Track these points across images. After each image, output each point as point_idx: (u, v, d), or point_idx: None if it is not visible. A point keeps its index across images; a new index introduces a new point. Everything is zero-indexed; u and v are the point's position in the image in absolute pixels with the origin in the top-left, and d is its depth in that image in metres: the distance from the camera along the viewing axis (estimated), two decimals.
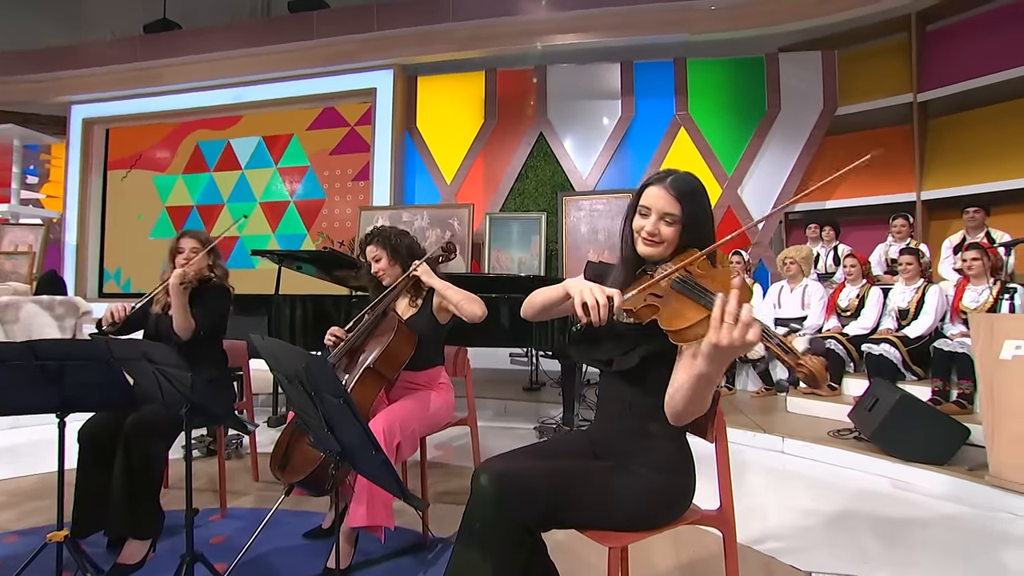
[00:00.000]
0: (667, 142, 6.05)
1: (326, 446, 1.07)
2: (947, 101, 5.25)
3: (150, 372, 1.40)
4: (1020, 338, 2.38)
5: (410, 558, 1.97)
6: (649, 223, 1.25)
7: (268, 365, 1.15)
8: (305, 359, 0.87)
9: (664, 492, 1.27)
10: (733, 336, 0.94)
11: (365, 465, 0.96)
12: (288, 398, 1.16)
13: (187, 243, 2.23)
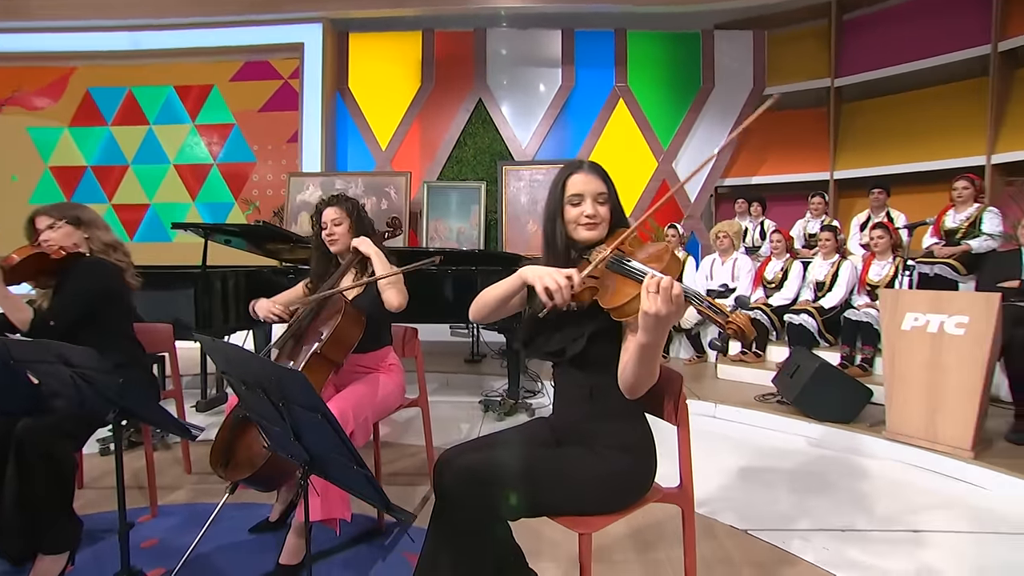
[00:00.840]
0: (606, 113, 6.09)
1: (290, 454, 1.00)
2: (860, 87, 5.64)
3: (66, 376, 1.23)
4: (918, 311, 2.66)
5: (366, 546, 1.93)
6: (586, 207, 1.28)
7: (219, 368, 1.04)
8: (275, 371, 0.79)
9: (629, 473, 1.31)
10: (659, 304, 1.00)
11: (340, 475, 0.90)
12: (244, 403, 1.06)
13: (41, 221, 1.91)
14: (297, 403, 0.78)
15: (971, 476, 2.44)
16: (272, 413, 0.93)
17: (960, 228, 3.95)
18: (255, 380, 0.86)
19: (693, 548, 1.44)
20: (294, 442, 0.93)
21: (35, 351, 1.19)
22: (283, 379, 0.78)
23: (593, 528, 1.24)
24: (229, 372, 0.98)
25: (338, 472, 0.90)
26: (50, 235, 1.88)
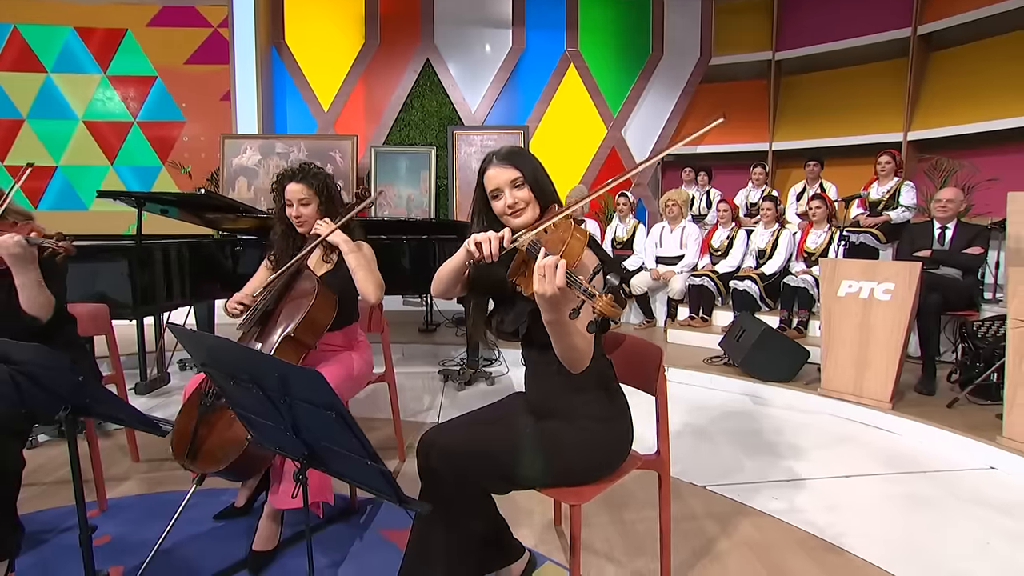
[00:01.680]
0: (556, 78, 6.02)
1: (282, 448, 0.96)
2: (798, 61, 5.87)
3: (3, 374, 1.10)
4: (852, 279, 2.88)
5: (341, 524, 1.91)
6: (506, 197, 1.28)
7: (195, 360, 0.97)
8: (283, 369, 0.74)
9: (607, 441, 1.36)
10: (543, 286, 1.04)
11: (342, 467, 0.88)
12: (229, 398, 1.00)
13: None
14: (308, 401, 0.75)
15: (889, 425, 2.73)
16: (266, 409, 0.89)
17: (882, 200, 4.28)
18: (250, 376, 0.81)
19: (668, 509, 1.54)
20: (290, 436, 0.89)
21: None
22: (293, 377, 0.74)
23: (584, 499, 1.29)
24: (213, 366, 0.92)
25: (340, 465, 0.88)
26: None
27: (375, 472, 0.80)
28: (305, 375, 0.73)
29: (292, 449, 0.92)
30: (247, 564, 1.68)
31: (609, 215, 5.79)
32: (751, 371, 3.28)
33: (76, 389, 1.08)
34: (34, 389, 1.11)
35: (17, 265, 1.54)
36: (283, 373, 0.75)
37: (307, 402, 0.76)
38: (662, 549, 1.57)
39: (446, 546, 1.19)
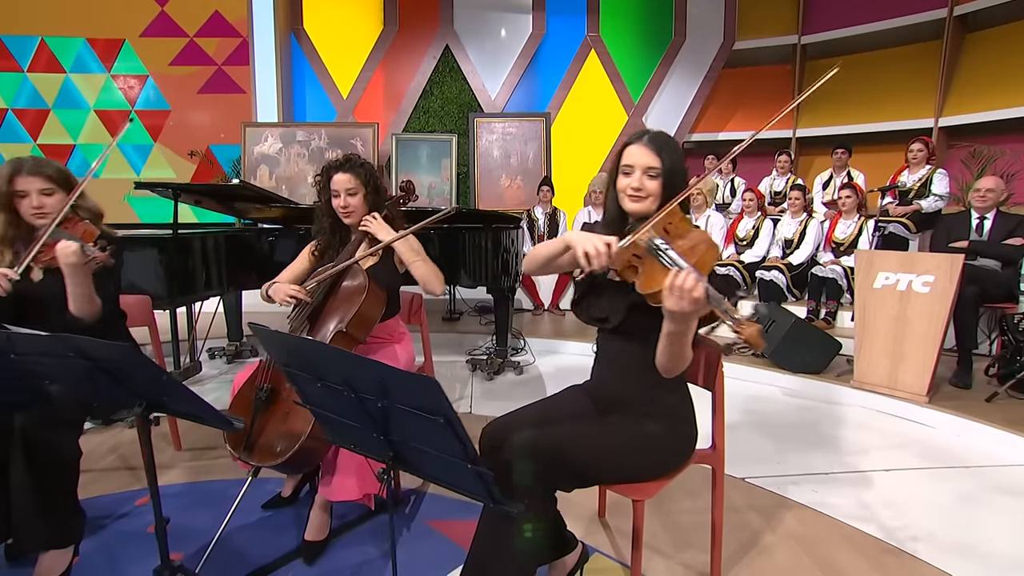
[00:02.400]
0: (577, 65, 5.94)
1: (364, 448, 0.96)
2: (825, 46, 5.74)
3: (81, 370, 1.11)
4: (889, 271, 2.85)
5: (387, 514, 1.93)
6: (634, 179, 1.29)
7: (279, 362, 0.97)
8: (386, 373, 0.73)
9: (674, 441, 1.37)
10: (675, 303, 1.05)
11: (432, 469, 0.88)
12: (307, 398, 1.00)
13: (30, 183, 1.58)
14: (414, 407, 0.75)
15: (925, 418, 2.71)
16: (353, 411, 0.89)
17: (913, 188, 4.20)
18: (344, 380, 0.81)
19: (722, 504, 1.55)
20: (376, 438, 0.89)
21: (48, 345, 1.07)
22: (400, 383, 0.74)
23: (647, 495, 1.30)
24: (298, 368, 0.92)
25: (428, 465, 0.88)
26: (45, 201, 1.61)
27: (470, 474, 0.80)
28: (419, 382, 0.73)
29: (376, 450, 0.93)
30: (300, 553, 1.71)
31: None
32: (780, 362, 3.27)
33: (154, 386, 1.09)
34: (111, 385, 1.12)
35: (72, 275, 1.53)
36: (389, 379, 0.75)
37: (412, 408, 0.76)
38: (714, 543, 1.58)
39: (515, 541, 1.20)
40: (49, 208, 1.61)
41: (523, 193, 5.47)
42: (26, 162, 1.60)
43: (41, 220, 1.60)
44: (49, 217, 1.60)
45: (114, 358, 1.04)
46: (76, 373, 1.10)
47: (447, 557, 1.71)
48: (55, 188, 1.63)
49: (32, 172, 1.59)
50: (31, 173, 1.59)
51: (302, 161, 5.15)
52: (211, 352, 3.81)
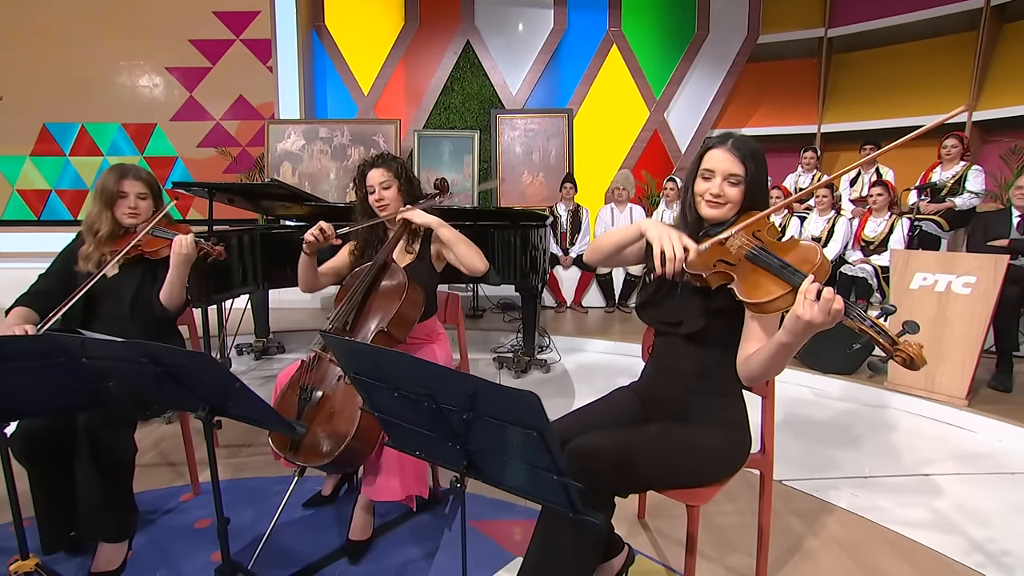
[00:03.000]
0: (599, 60, 5.89)
1: (438, 457, 0.96)
2: (851, 39, 5.63)
3: (150, 374, 1.13)
4: (927, 271, 2.80)
5: (427, 515, 1.95)
6: (714, 185, 1.25)
7: (346, 370, 0.96)
8: (481, 386, 0.73)
9: (730, 446, 1.36)
10: (815, 313, 0.98)
11: (509, 478, 0.88)
12: (374, 405, 1.00)
13: (132, 186, 1.77)
14: (508, 420, 0.75)
15: (964, 422, 2.67)
16: (429, 420, 0.89)
17: (946, 185, 4.12)
18: (428, 390, 0.81)
19: (769, 508, 1.54)
20: (452, 447, 0.90)
21: (122, 351, 1.09)
22: (495, 397, 0.74)
23: (703, 501, 1.29)
24: (374, 378, 0.92)
25: (505, 475, 0.88)
26: (140, 204, 1.78)
27: (555, 485, 0.80)
28: (517, 397, 0.72)
29: (449, 459, 0.93)
30: (345, 552, 1.72)
31: (652, 200, 5.71)
32: (811, 362, 3.23)
33: (221, 391, 1.10)
34: (176, 389, 1.13)
35: (178, 265, 1.70)
36: (483, 392, 0.75)
37: (505, 421, 0.76)
38: (760, 547, 1.57)
39: (574, 546, 1.20)
40: (142, 211, 1.78)
41: (545, 190, 5.45)
42: (130, 168, 1.80)
43: (132, 220, 1.76)
44: (140, 219, 1.77)
45: (185, 364, 1.05)
46: (145, 377, 1.12)
47: (491, 557, 1.72)
48: (148, 194, 1.80)
49: (135, 177, 1.78)
50: (135, 178, 1.78)
51: (324, 158, 5.18)
52: (239, 348, 3.85)
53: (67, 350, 1.14)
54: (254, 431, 2.66)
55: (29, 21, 5.35)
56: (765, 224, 1.23)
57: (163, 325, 1.87)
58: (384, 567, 1.69)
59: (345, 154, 5.18)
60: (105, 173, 1.79)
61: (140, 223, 1.77)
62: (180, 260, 1.70)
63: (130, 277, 1.76)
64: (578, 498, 0.81)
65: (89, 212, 1.78)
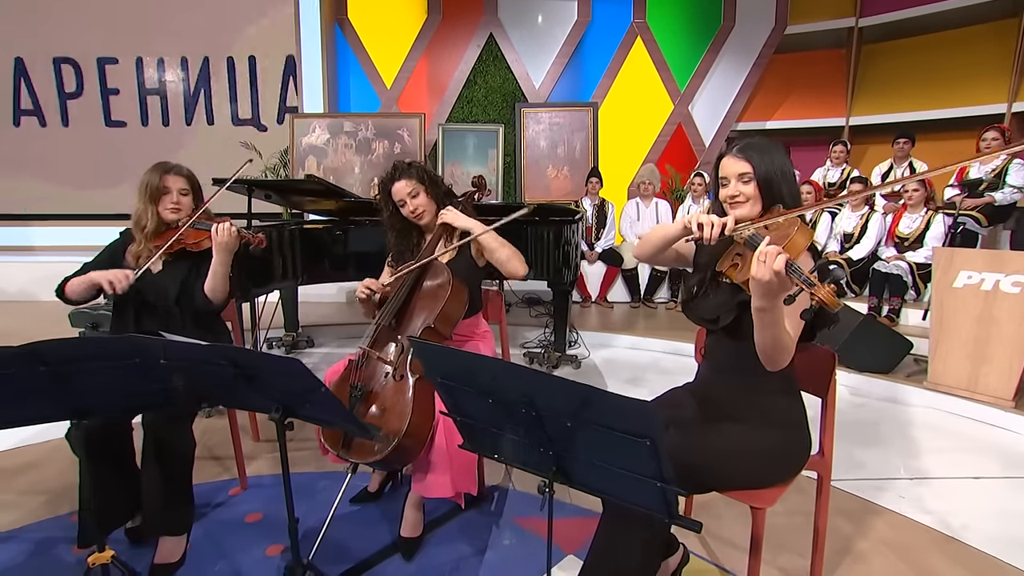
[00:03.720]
0: (622, 53, 5.82)
1: (525, 461, 0.96)
2: (882, 28, 5.50)
3: (228, 376, 1.14)
4: (973, 270, 2.74)
5: (474, 512, 1.96)
6: (730, 188, 1.33)
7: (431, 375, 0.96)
8: (578, 392, 0.73)
9: (790, 447, 1.35)
10: (761, 271, 1.06)
11: (598, 482, 0.88)
12: (452, 407, 1.00)
13: (175, 182, 1.79)
14: (621, 430, 0.74)
15: (1009, 423, 2.63)
16: (521, 426, 0.89)
17: (985, 180, 4.03)
18: (527, 399, 0.80)
19: (826, 511, 1.52)
20: (542, 452, 0.90)
21: (205, 353, 1.10)
22: (604, 405, 0.73)
23: (768, 503, 1.28)
24: (457, 381, 0.92)
25: (599, 481, 0.88)
26: (182, 200, 1.80)
27: (655, 491, 0.80)
28: (631, 406, 0.72)
29: (537, 463, 0.93)
30: (397, 549, 1.74)
31: (677, 194, 5.66)
32: (846, 360, 3.19)
33: (300, 394, 1.10)
34: (249, 390, 1.14)
35: (223, 253, 1.71)
36: (595, 401, 0.74)
37: (615, 429, 0.75)
38: (816, 549, 1.56)
39: (645, 545, 1.20)
40: (184, 207, 1.79)
41: (570, 184, 5.42)
42: (172, 164, 1.81)
43: (174, 216, 1.78)
44: (181, 214, 1.79)
45: (270, 368, 1.06)
46: (222, 379, 1.13)
47: (541, 556, 1.72)
48: (190, 190, 1.82)
49: (177, 172, 1.80)
50: (177, 173, 1.80)
51: (349, 152, 5.19)
52: (269, 343, 3.90)
53: (146, 351, 1.16)
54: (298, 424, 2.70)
55: None
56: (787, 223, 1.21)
57: (210, 319, 1.90)
58: (436, 563, 1.71)
59: (369, 148, 5.19)
60: (149, 170, 1.81)
61: (182, 218, 1.79)
62: (221, 248, 1.71)
63: (175, 272, 1.78)
64: (676, 503, 0.80)
65: (135, 209, 1.79)
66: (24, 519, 1.94)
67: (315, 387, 1.01)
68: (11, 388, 1.19)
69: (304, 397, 1.09)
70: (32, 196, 5.64)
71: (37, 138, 5.60)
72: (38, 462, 2.34)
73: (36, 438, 2.51)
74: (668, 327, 4.35)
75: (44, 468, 2.30)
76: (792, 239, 1.13)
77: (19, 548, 1.79)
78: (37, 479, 2.23)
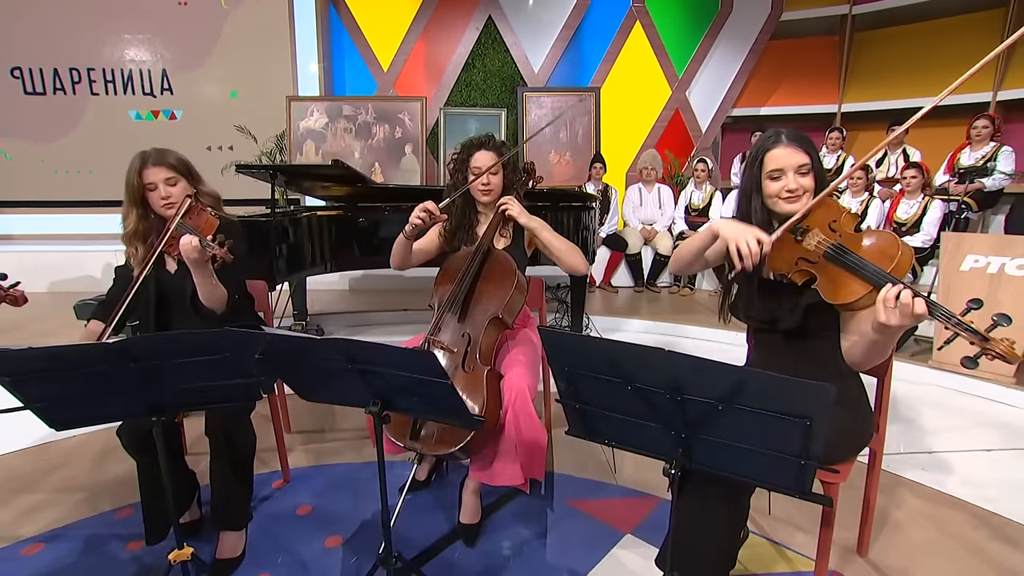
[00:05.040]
0: (622, 37, 5.80)
1: (647, 445, 0.99)
2: (875, 16, 5.62)
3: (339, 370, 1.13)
4: (979, 253, 2.87)
5: (525, 497, 1.99)
6: (788, 181, 1.28)
7: (557, 362, 0.97)
8: (738, 375, 0.75)
9: (854, 425, 1.40)
10: (897, 319, 1.03)
11: (731, 463, 0.91)
12: (571, 392, 1.02)
13: (156, 174, 1.60)
14: (780, 412, 0.77)
15: (1013, 399, 2.78)
16: (656, 410, 0.91)
17: (975, 166, 4.19)
18: (673, 385, 0.83)
19: (877, 484, 1.61)
20: (674, 436, 0.92)
21: (319, 347, 1.09)
22: (781, 389, 0.76)
23: (841, 478, 1.35)
24: (588, 370, 0.93)
25: (729, 461, 0.91)
26: (171, 191, 1.63)
27: (795, 469, 0.84)
28: (812, 388, 0.75)
29: (662, 446, 0.96)
30: (459, 535, 1.76)
31: (677, 180, 5.71)
32: None
33: (410, 387, 1.10)
34: (355, 384, 1.14)
35: (195, 267, 1.55)
36: (766, 385, 0.77)
37: (774, 411, 0.79)
38: (865, 521, 1.66)
39: (731, 518, 1.24)
40: (175, 197, 1.62)
41: (572, 169, 5.43)
42: (150, 154, 1.62)
43: (170, 210, 1.62)
44: (174, 205, 1.61)
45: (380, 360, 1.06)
46: (329, 373, 1.13)
47: (601, 537, 1.78)
48: (178, 177, 1.64)
49: (156, 163, 1.60)
50: (155, 164, 1.60)
51: (349, 136, 5.08)
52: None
53: (238, 345, 1.14)
54: (323, 416, 2.68)
55: None
56: (840, 213, 1.25)
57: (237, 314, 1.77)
58: (498, 548, 1.74)
59: (369, 132, 5.09)
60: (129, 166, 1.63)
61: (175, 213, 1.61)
62: (191, 264, 1.54)
63: (187, 272, 1.61)
64: (812, 479, 0.84)
65: (123, 212, 1.65)
66: (66, 517, 1.91)
67: (444, 379, 1.01)
68: (98, 385, 1.16)
69: (420, 389, 1.09)
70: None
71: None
72: (65, 460, 2.29)
73: (56, 435, 2.44)
74: (672, 311, 4.43)
75: (73, 466, 2.25)
76: (899, 263, 1.11)
77: (69, 546, 1.76)
78: (67, 476, 2.18)
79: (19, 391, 1.12)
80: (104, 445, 2.38)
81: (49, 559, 1.70)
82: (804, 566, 1.66)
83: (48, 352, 1.08)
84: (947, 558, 1.70)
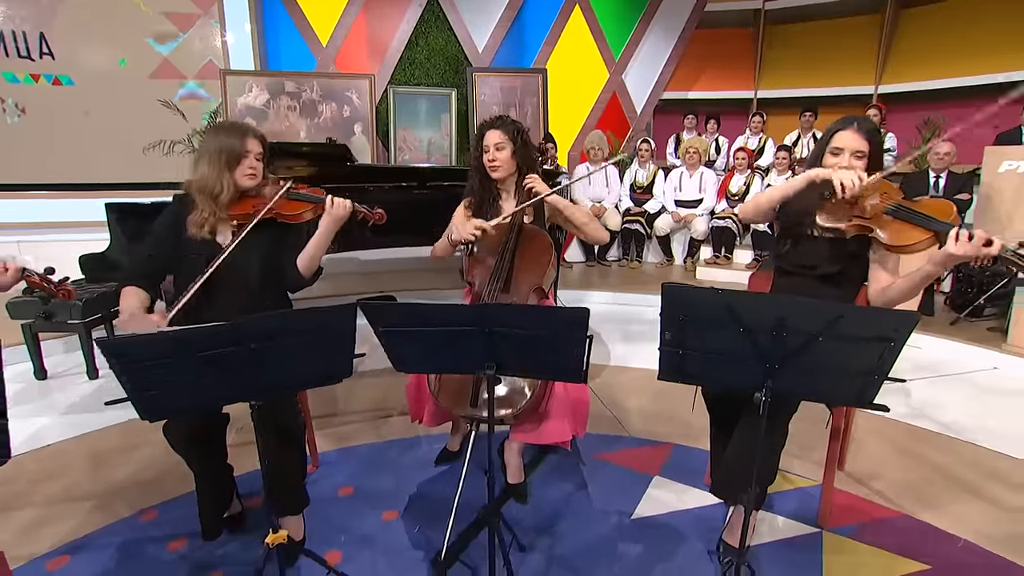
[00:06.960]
0: (562, 19, 5.95)
1: (736, 379, 1.18)
2: (786, 12, 6.23)
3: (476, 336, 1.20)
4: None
5: (553, 455, 2.15)
6: (843, 159, 1.54)
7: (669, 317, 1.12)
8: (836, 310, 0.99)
9: None
10: (968, 250, 1.31)
11: (815, 385, 1.12)
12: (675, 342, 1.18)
13: (254, 145, 1.67)
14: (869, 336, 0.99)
15: (914, 340, 3.37)
16: (754, 346, 1.10)
17: None
18: (779, 323, 1.02)
19: (854, 410, 1.95)
20: (766, 367, 1.13)
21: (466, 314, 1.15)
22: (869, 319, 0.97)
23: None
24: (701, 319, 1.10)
25: (805, 384, 1.13)
26: (258, 167, 1.70)
27: (862, 384, 1.08)
28: (901, 315, 0.98)
29: (751, 379, 1.15)
30: (510, 495, 1.89)
31: (617, 160, 6.03)
32: None
33: (528, 347, 1.21)
34: (479, 347, 1.23)
35: (333, 226, 1.67)
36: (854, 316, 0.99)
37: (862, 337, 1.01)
38: (844, 438, 1.98)
39: (771, 447, 1.48)
40: (259, 173, 1.69)
41: None
42: (249, 126, 1.71)
43: (251, 182, 1.68)
44: (256, 180, 1.69)
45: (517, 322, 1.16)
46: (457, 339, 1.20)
47: (634, 483, 1.98)
48: (263, 156, 1.72)
49: (255, 135, 1.69)
50: (255, 136, 1.68)
51: (293, 115, 4.82)
52: None
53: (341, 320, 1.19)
54: (329, 402, 2.65)
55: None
56: (890, 187, 1.56)
57: (281, 293, 1.82)
58: (549, 501, 1.89)
59: (316, 111, 4.86)
60: (218, 132, 1.66)
61: (258, 185, 1.69)
62: (334, 222, 1.67)
63: (255, 245, 1.63)
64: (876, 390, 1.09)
65: (204, 175, 1.63)
66: (82, 527, 1.80)
67: (582, 333, 1.13)
68: (209, 369, 1.14)
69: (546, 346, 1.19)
70: None
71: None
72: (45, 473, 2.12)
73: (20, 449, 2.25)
74: (623, 282, 4.77)
75: (63, 476, 2.09)
76: (955, 218, 1.42)
77: (102, 555, 1.68)
78: (62, 488, 2.03)
79: (130, 378, 1.08)
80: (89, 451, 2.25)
81: (83, 570, 1.61)
82: (803, 484, 1.99)
83: (173, 336, 1.06)
84: (901, 463, 2.12)
